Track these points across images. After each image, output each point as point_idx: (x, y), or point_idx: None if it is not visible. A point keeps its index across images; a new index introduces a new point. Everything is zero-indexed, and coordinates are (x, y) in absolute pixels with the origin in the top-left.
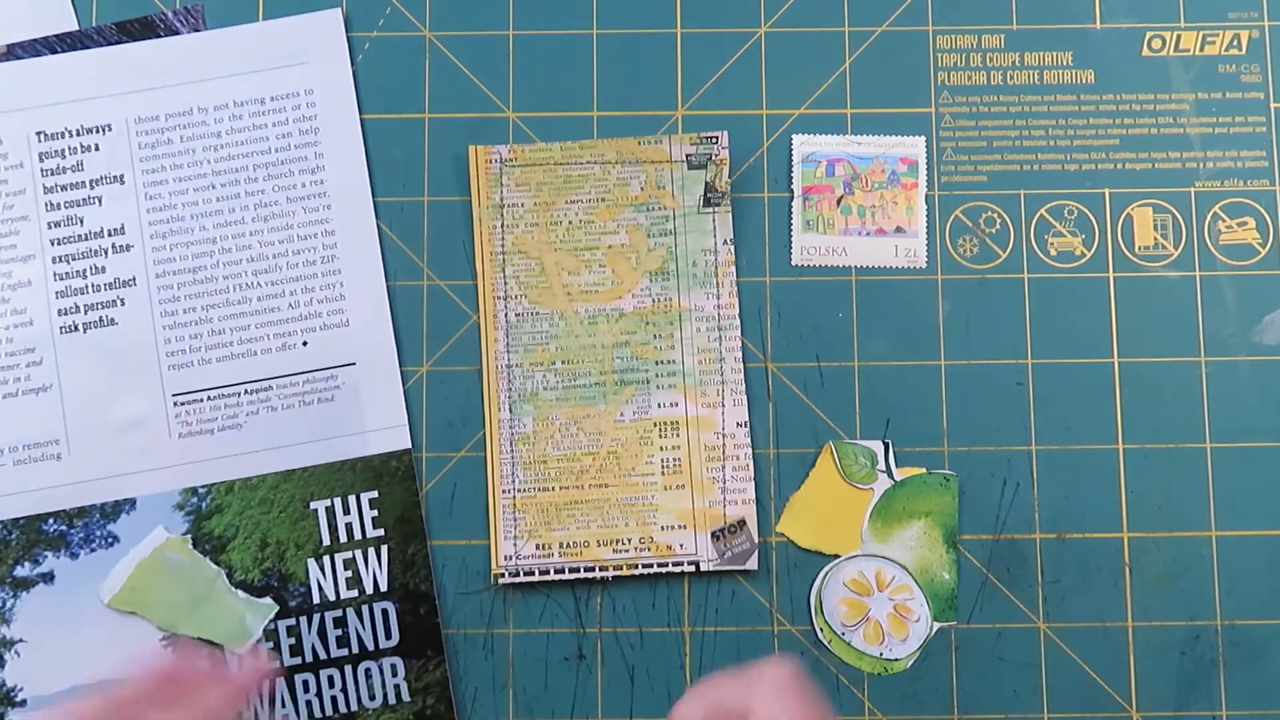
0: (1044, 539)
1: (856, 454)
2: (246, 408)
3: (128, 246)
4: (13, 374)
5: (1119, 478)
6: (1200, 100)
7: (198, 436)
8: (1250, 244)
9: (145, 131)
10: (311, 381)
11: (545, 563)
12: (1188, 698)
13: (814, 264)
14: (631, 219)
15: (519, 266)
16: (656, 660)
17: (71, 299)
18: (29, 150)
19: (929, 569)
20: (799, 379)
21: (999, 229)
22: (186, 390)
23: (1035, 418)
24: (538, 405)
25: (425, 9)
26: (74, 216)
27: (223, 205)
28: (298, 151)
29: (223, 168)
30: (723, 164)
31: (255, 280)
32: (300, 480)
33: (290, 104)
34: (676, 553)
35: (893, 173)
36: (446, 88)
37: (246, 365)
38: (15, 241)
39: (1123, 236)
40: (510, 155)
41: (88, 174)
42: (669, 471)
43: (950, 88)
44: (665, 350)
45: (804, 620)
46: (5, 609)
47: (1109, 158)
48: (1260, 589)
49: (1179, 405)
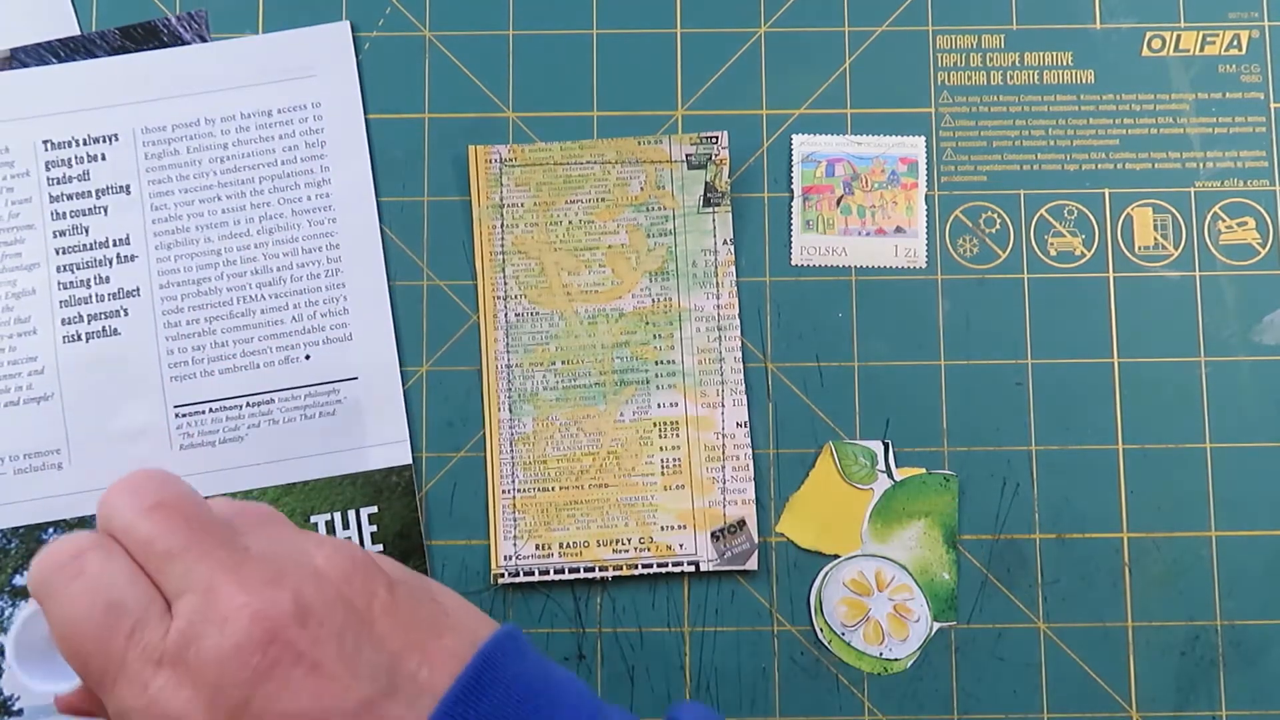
0: (1044, 539)
1: (856, 454)
2: (248, 420)
3: (132, 257)
4: (14, 382)
5: (1119, 478)
6: (1200, 100)
7: (199, 448)
8: (1250, 244)
9: (152, 142)
10: (313, 395)
11: (545, 563)
12: (1188, 698)
13: (814, 264)
14: (631, 219)
15: (519, 266)
16: (656, 660)
17: (75, 308)
18: (35, 159)
19: (929, 569)
20: (799, 379)
21: (999, 229)
22: (188, 402)
23: (1035, 418)
24: (538, 405)
25: (425, 9)
26: (79, 226)
27: (228, 217)
28: (304, 164)
29: (229, 179)
30: (723, 164)
31: (259, 293)
32: (301, 494)
33: (297, 116)
34: (676, 553)
35: (893, 173)
36: (446, 88)
37: (249, 378)
38: (20, 250)
39: (1123, 236)
40: (510, 155)
41: (94, 183)
42: (669, 471)
43: (950, 88)
44: (665, 350)
45: (804, 620)
46: (4, 617)
47: (1109, 158)
48: (1260, 589)
49: (1179, 405)
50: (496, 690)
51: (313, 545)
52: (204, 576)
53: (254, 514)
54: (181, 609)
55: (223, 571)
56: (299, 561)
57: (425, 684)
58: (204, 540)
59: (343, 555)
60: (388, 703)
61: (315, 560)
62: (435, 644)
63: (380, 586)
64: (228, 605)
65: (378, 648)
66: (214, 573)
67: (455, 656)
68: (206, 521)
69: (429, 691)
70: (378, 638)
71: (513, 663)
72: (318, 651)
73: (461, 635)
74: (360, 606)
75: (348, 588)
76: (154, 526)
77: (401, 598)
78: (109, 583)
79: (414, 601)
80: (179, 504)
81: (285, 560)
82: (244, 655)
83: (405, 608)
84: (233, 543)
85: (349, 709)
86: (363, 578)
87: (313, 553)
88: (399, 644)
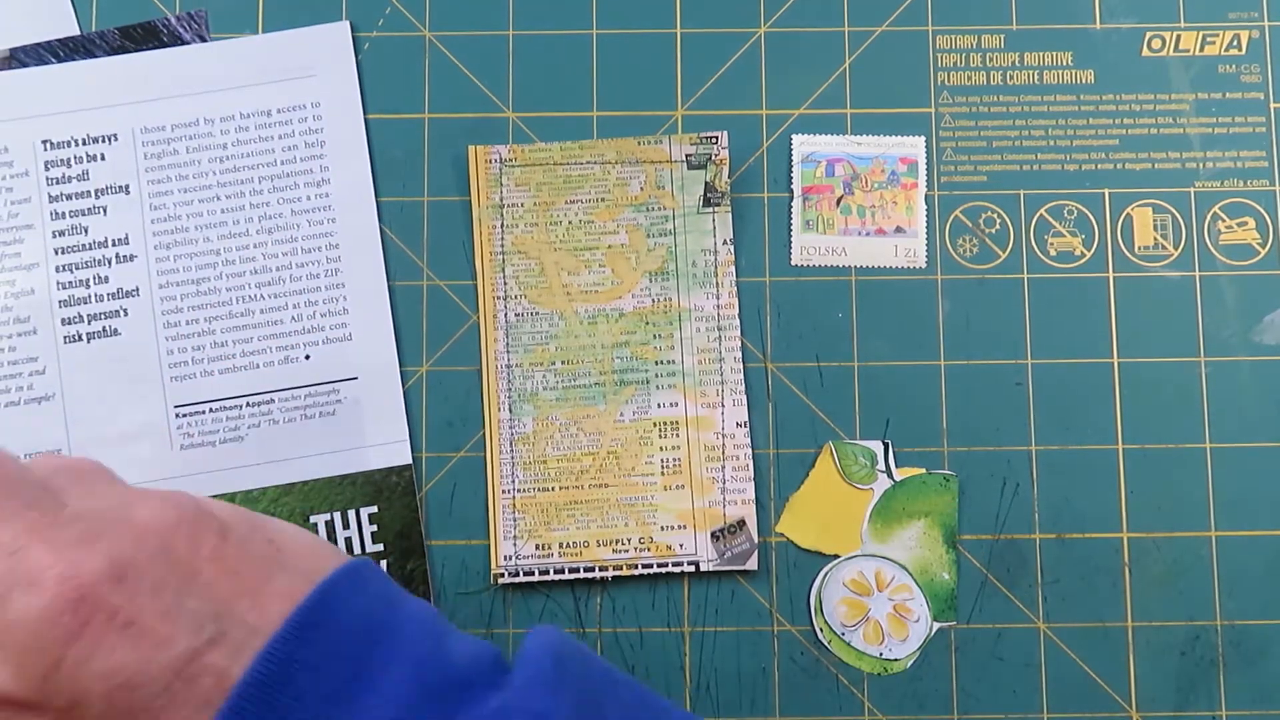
0: (1044, 539)
1: (856, 454)
2: (248, 420)
3: (131, 257)
4: (15, 383)
5: (1119, 478)
6: (1200, 100)
7: (199, 448)
8: (1250, 244)
9: (151, 142)
10: (313, 395)
11: (545, 563)
12: (1188, 698)
13: (814, 264)
14: (631, 219)
15: (519, 266)
16: (656, 660)
17: (75, 308)
18: (35, 159)
19: (929, 569)
20: (799, 379)
21: (999, 229)
22: (188, 402)
23: (1035, 418)
24: (537, 405)
25: (425, 9)
26: (78, 226)
27: (227, 217)
28: (303, 164)
29: (228, 179)
30: (722, 164)
31: (258, 293)
32: (301, 494)
33: (297, 116)
34: (676, 553)
35: (892, 173)
36: (446, 88)
37: (249, 378)
38: (20, 250)
39: (1123, 236)
40: (510, 155)
41: (93, 183)
42: (669, 471)
43: (950, 88)
44: (665, 350)
45: (804, 620)
46: None
47: (1109, 158)
48: (1260, 589)
49: (1179, 405)
50: (329, 627)
51: (136, 499)
52: (10, 540)
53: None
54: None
55: (31, 533)
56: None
57: (255, 626)
58: (10, 502)
59: (168, 506)
60: (212, 651)
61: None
62: (269, 586)
63: (209, 533)
64: (35, 567)
65: (204, 597)
66: (20, 535)
67: (287, 596)
68: (15, 483)
69: (259, 634)
70: (203, 585)
71: (352, 598)
72: (133, 608)
73: (298, 574)
74: (185, 556)
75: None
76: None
77: (233, 543)
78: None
79: (246, 545)
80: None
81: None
82: (52, 616)
83: (236, 552)
84: (44, 503)
85: (169, 662)
86: (190, 528)
87: (136, 506)
88: (228, 590)
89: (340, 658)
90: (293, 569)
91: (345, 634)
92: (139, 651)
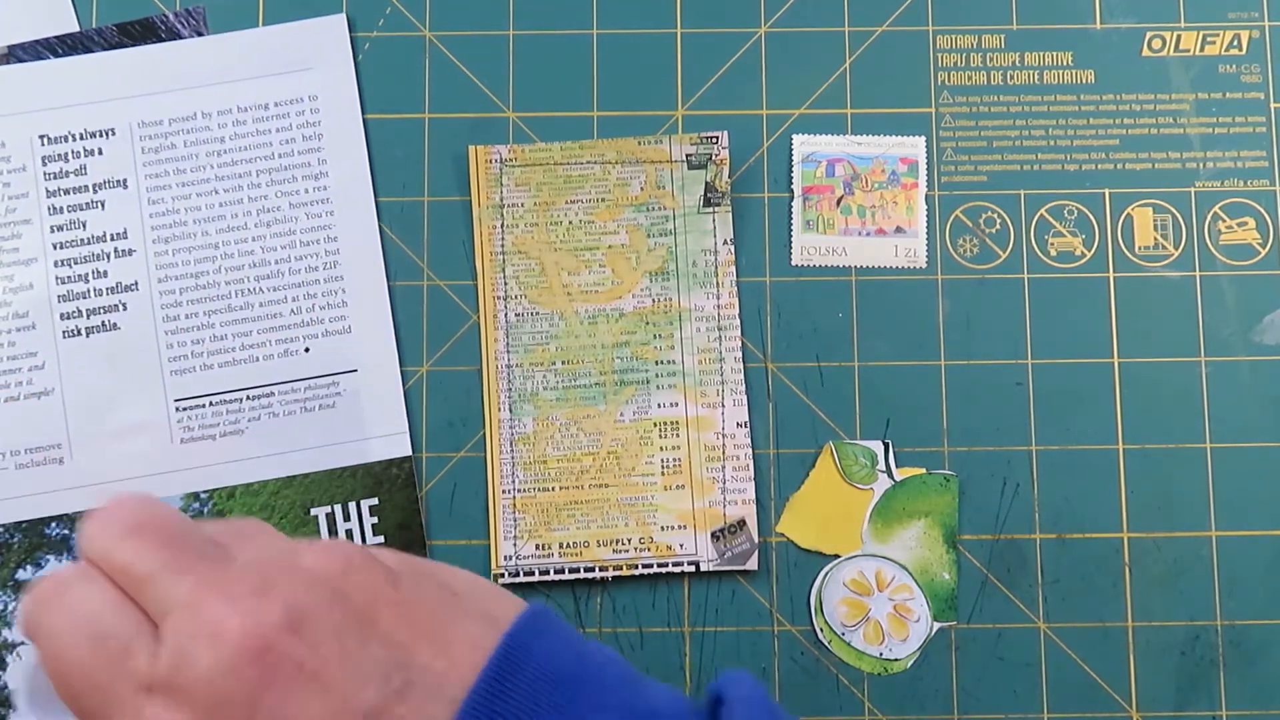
0: (1044, 539)
1: (856, 454)
2: (248, 413)
3: (130, 251)
4: (14, 377)
5: (1119, 478)
6: (1200, 100)
7: (200, 442)
8: (1250, 244)
9: (149, 136)
10: (313, 388)
11: (545, 563)
12: (1188, 698)
13: (814, 264)
14: (631, 219)
15: (519, 266)
16: (656, 660)
17: (74, 303)
18: (32, 154)
19: (929, 569)
20: (799, 379)
21: (999, 229)
22: (188, 395)
23: (1035, 418)
24: (538, 405)
25: (425, 9)
26: (76, 220)
27: (225, 210)
28: (301, 157)
29: (226, 173)
30: (723, 164)
31: (257, 286)
32: (301, 486)
33: (294, 109)
34: (676, 553)
35: (893, 173)
36: (446, 88)
37: (248, 371)
38: (18, 245)
39: (1123, 236)
40: (510, 155)
41: (91, 178)
42: (669, 472)
43: (950, 88)
44: (665, 350)
45: (804, 620)
46: (6, 612)
47: (1109, 158)
48: (1260, 589)
49: (1179, 405)
50: (526, 676)
51: (303, 548)
52: (186, 593)
53: (239, 528)
54: (168, 630)
55: (206, 586)
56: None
57: (443, 676)
58: (183, 557)
59: (336, 553)
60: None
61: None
62: (450, 632)
63: (380, 580)
64: (214, 620)
65: (385, 644)
66: (196, 588)
67: (474, 644)
68: (186, 539)
69: (449, 684)
70: (384, 634)
71: (543, 645)
72: (317, 658)
73: (479, 620)
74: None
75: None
76: (132, 549)
77: (407, 588)
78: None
79: (420, 590)
80: (156, 524)
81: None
82: (237, 671)
83: (412, 598)
84: (215, 557)
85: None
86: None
87: (302, 555)
88: (408, 637)
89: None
90: (473, 614)
91: (543, 682)
92: (329, 704)
